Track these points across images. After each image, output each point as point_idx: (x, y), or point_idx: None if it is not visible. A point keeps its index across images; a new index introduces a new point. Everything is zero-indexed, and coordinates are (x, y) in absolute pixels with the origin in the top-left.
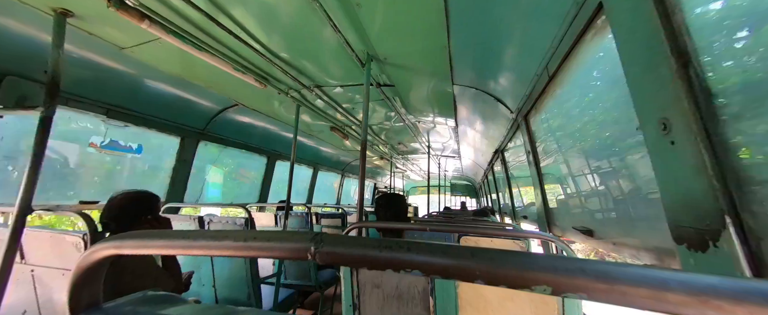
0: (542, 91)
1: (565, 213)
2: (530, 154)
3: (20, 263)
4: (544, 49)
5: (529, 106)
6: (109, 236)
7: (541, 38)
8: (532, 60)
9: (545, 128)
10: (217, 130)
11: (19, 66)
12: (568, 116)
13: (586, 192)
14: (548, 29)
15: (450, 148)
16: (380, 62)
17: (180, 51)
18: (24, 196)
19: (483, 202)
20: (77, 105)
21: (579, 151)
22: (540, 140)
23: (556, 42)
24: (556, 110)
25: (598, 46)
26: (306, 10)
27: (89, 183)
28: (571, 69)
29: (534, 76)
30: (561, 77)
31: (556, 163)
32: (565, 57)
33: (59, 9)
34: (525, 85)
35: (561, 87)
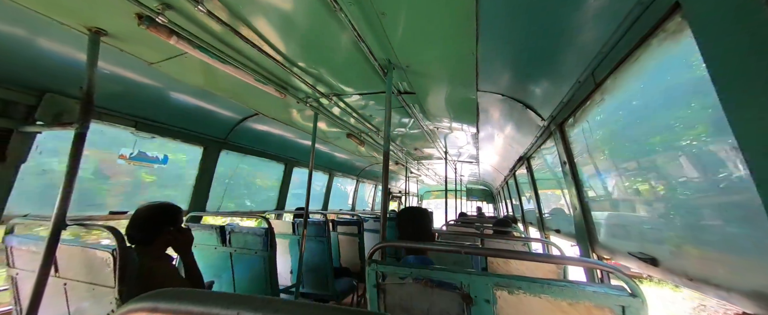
0: (585, 98)
1: (616, 234)
2: (566, 164)
3: (54, 276)
4: (590, 54)
5: (567, 115)
6: (143, 296)
7: (588, 43)
8: (575, 66)
9: (588, 138)
10: (238, 140)
11: (56, 83)
12: (621, 127)
13: (648, 213)
14: (598, 33)
15: (467, 153)
16: (401, 70)
17: (203, 64)
18: (59, 210)
19: (501, 208)
20: (109, 118)
21: (638, 165)
22: (579, 151)
23: (607, 47)
24: (602, 120)
25: (668, 52)
26: (329, 21)
27: (118, 194)
28: (627, 76)
29: (575, 83)
30: (611, 85)
31: (602, 177)
32: (619, 63)
33: (94, 29)
34: (561, 92)
35: (611, 95)
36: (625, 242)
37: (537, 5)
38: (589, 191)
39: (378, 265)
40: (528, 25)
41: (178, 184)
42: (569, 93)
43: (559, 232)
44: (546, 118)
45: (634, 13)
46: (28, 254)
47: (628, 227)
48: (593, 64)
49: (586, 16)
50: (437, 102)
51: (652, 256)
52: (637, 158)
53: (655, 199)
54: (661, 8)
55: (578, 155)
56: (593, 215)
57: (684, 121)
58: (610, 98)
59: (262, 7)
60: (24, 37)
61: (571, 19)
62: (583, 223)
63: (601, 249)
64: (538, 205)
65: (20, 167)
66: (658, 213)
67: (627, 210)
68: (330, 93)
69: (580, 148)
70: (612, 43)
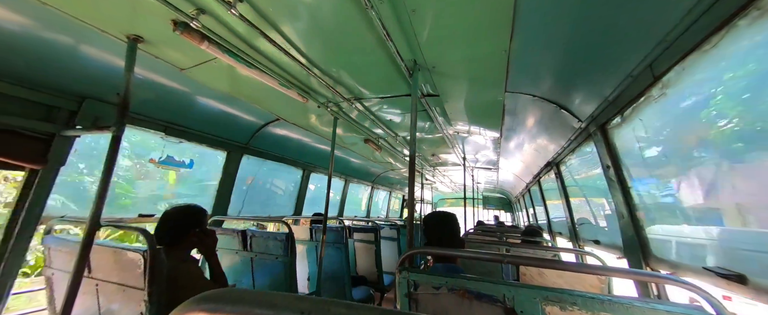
0: (639, 94)
1: (682, 246)
2: (610, 168)
3: (87, 276)
4: (648, 45)
5: (612, 114)
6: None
7: (646, 32)
8: (626, 59)
9: (640, 139)
10: (259, 145)
11: (96, 89)
12: (692, 125)
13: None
14: (660, 20)
15: (487, 159)
16: (426, 71)
17: (230, 69)
18: (94, 212)
19: (519, 217)
20: (141, 123)
21: (717, 167)
22: (627, 153)
23: (673, 35)
24: (663, 117)
25: (763, 31)
26: (357, 20)
27: (146, 197)
28: (701, 65)
29: (626, 78)
30: (676, 78)
31: (662, 182)
32: (688, 52)
33: (132, 35)
34: (605, 90)
35: (676, 89)
36: (696, 255)
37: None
38: (642, 198)
39: (410, 272)
40: (572, 18)
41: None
42: (616, 90)
43: (599, 243)
44: (584, 119)
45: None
46: (64, 255)
47: (701, 239)
48: (651, 56)
49: (646, 4)
50: (461, 104)
51: (738, 272)
52: (715, 160)
53: (739, 206)
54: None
55: (626, 159)
56: (649, 225)
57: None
58: (674, 93)
59: (292, 8)
60: (69, 46)
61: (626, 9)
62: (633, 233)
63: (658, 262)
64: (569, 213)
65: (59, 170)
66: (745, 222)
67: (698, 219)
68: (351, 97)
69: (628, 150)
70: (679, 30)
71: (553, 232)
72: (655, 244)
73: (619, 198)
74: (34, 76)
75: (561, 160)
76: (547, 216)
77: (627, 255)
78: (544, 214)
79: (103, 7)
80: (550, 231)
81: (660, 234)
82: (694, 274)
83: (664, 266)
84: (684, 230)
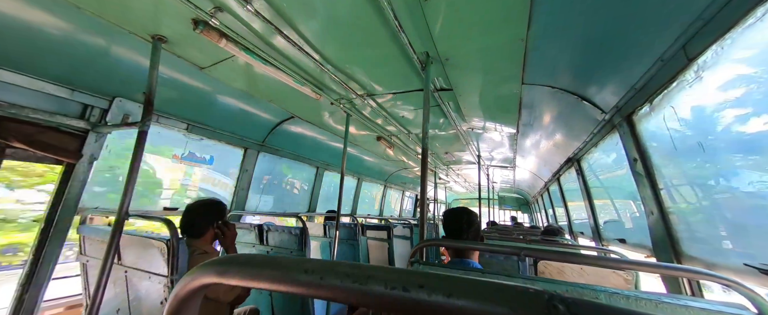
0: (671, 79)
1: (719, 242)
2: (638, 161)
3: (117, 263)
4: (681, 24)
5: (639, 103)
6: (208, 262)
7: (678, 11)
8: (656, 42)
9: (672, 128)
10: (274, 143)
11: (123, 88)
12: (730, 111)
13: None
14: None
15: (502, 157)
16: (439, 64)
17: (246, 67)
18: (123, 202)
19: (538, 218)
20: (165, 121)
21: (761, 161)
22: (657, 145)
23: (709, 12)
24: (698, 103)
25: None
26: (370, 12)
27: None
28: (744, 42)
29: (657, 61)
30: (714, 59)
31: (699, 175)
32: (727, 29)
33: (157, 36)
34: (632, 77)
35: (713, 71)
36: (735, 253)
37: None
38: (674, 192)
39: (421, 265)
40: (595, 2)
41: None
42: (644, 77)
43: (624, 242)
44: (607, 110)
45: None
46: (97, 243)
47: (739, 234)
48: (685, 36)
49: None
50: (475, 99)
51: None
52: (758, 151)
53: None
54: None
55: (655, 150)
56: (681, 221)
57: None
58: (712, 75)
59: (306, 3)
60: (101, 49)
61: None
62: (663, 230)
63: (691, 261)
64: (592, 211)
65: (93, 164)
66: None
67: (735, 214)
68: (363, 93)
69: (658, 140)
70: (717, 5)
71: (573, 233)
72: (688, 242)
73: (647, 193)
74: (73, 76)
75: (582, 155)
76: (568, 216)
77: (657, 254)
78: (564, 214)
79: (130, 8)
80: (570, 232)
81: (694, 231)
82: (734, 273)
83: (699, 264)
84: (720, 227)
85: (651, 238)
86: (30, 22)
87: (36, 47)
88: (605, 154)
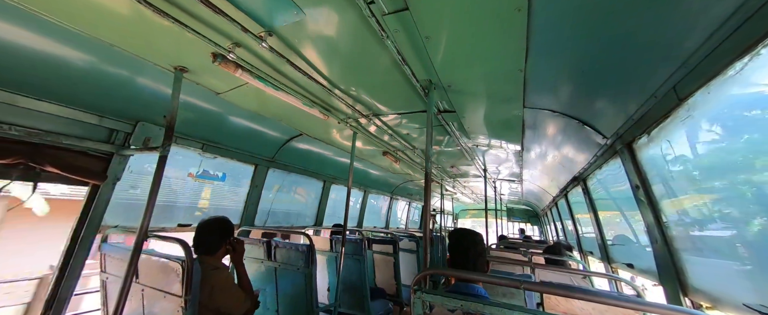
0: (665, 115)
1: (720, 277)
2: (640, 189)
3: (135, 282)
4: (670, 67)
5: (638, 133)
6: None
7: (667, 55)
8: (648, 80)
9: (670, 160)
10: (283, 159)
11: (146, 113)
12: (723, 150)
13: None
14: (681, 44)
15: (509, 171)
16: (442, 89)
17: (258, 91)
18: (143, 223)
19: (549, 231)
20: (183, 142)
21: (754, 195)
22: (658, 174)
23: (695, 58)
24: (692, 139)
25: None
26: (375, 48)
27: (184, 208)
28: (728, 91)
29: (650, 98)
30: (703, 100)
31: (699, 205)
32: (712, 76)
33: (179, 67)
34: (629, 108)
35: (703, 112)
36: (735, 289)
37: (600, 17)
38: (676, 221)
39: (424, 293)
40: (588, 38)
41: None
42: (641, 109)
43: (632, 266)
44: (609, 136)
45: (731, 23)
46: (117, 261)
47: (739, 271)
48: (675, 78)
49: (665, 28)
50: (478, 119)
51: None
52: (752, 189)
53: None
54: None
55: (657, 179)
56: (685, 251)
57: None
58: (702, 115)
59: (314, 39)
60: (127, 77)
61: (645, 31)
62: (668, 260)
63: (697, 293)
64: (599, 232)
65: (116, 184)
66: None
67: (738, 249)
68: (369, 113)
69: (658, 170)
70: (701, 54)
71: (583, 252)
72: (693, 273)
73: (650, 220)
74: (101, 103)
75: (587, 175)
76: (577, 233)
77: (663, 283)
78: (573, 230)
79: (156, 44)
80: (580, 250)
81: (698, 262)
82: (734, 309)
83: (703, 298)
84: (720, 260)
85: (656, 267)
86: (65, 57)
87: (69, 79)
88: (611, 176)
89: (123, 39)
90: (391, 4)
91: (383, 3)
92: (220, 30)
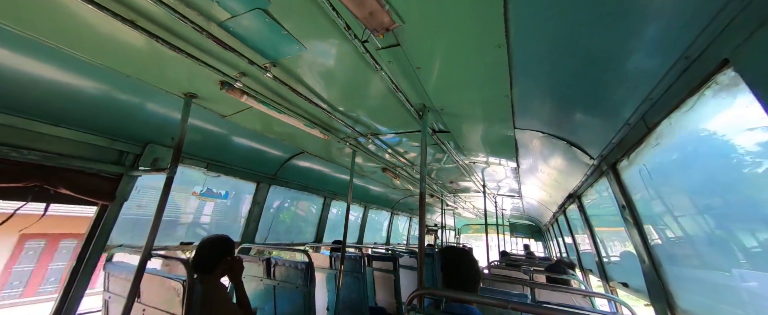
0: (639, 141)
1: (706, 297)
2: (626, 209)
3: (137, 302)
4: (637, 99)
5: (619, 155)
6: None
7: (631, 89)
8: (622, 108)
9: (647, 182)
10: (285, 176)
11: (155, 135)
12: (687, 176)
13: (750, 274)
14: (645, 80)
15: (508, 187)
16: (436, 112)
17: (262, 114)
18: (147, 243)
19: (551, 247)
20: (189, 162)
21: (723, 216)
22: (641, 195)
23: (655, 94)
24: (662, 165)
25: (727, 102)
26: (370, 77)
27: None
28: (685, 122)
29: (624, 125)
30: (668, 130)
31: (675, 226)
32: (672, 109)
33: (188, 93)
34: (609, 132)
35: (668, 140)
36: (719, 308)
37: (574, 53)
38: (660, 241)
39: (418, 313)
40: (565, 70)
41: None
42: (619, 134)
43: (628, 286)
44: (595, 157)
45: (680, 65)
46: (120, 280)
47: (720, 289)
48: (642, 109)
49: (627, 65)
50: (473, 139)
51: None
52: (721, 210)
53: (755, 258)
54: (709, 63)
55: (640, 200)
56: (671, 270)
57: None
58: (667, 143)
59: (314, 69)
60: (138, 102)
61: (611, 67)
62: (655, 279)
63: (683, 314)
64: (596, 250)
65: (123, 204)
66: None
67: (717, 268)
68: (367, 132)
69: (640, 191)
70: (660, 89)
71: (584, 270)
72: (679, 293)
73: (637, 240)
74: (113, 127)
75: (581, 193)
76: (576, 251)
77: (653, 303)
78: (574, 246)
79: (168, 73)
80: (581, 268)
81: (685, 281)
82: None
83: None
84: (709, 278)
85: (646, 286)
86: (82, 87)
87: (84, 105)
88: (603, 194)
89: (137, 69)
90: (383, 41)
91: (377, 40)
92: (228, 62)
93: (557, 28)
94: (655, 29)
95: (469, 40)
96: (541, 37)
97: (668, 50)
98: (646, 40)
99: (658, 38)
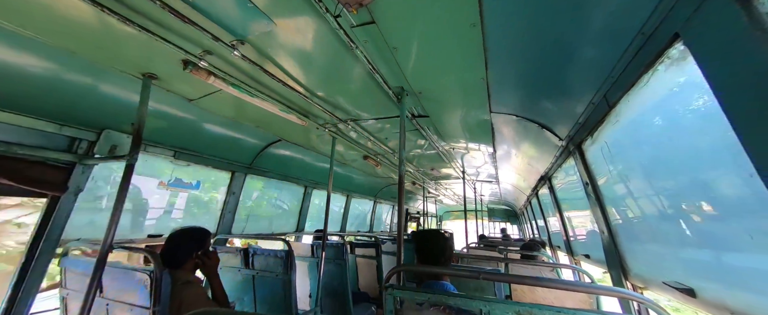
0: (601, 120)
1: (648, 261)
2: (589, 185)
3: (99, 296)
4: (600, 77)
5: (584, 135)
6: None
7: (597, 67)
8: (586, 88)
9: (608, 159)
10: (262, 165)
11: (112, 121)
12: (642, 149)
13: (681, 240)
14: (605, 59)
15: (486, 172)
16: (415, 96)
17: (235, 98)
18: (107, 235)
19: (526, 230)
20: (153, 150)
21: (666, 189)
22: (602, 171)
23: (616, 71)
24: (621, 141)
25: (677, 76)
26: (346, 57)
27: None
28: (641, 99)
29: (589, 104)
30: (625, 107)
31: (629, 200)
32: (630, 87)
33: (147, 74)
34: (576, 112)
35: (627, 117)
36: (658, 270)
37: (543, 34)
38: (617, 214)
39: (395, 290)
40: (536, 51)
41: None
42: (584, 113)
43: (589, 257)
44: (563, 138)
45: (637, 42)
46: (79, 276)
47: (660, 254)
48: (604, 87)
49: (591, 44)
50: (451, 123)
51: (688, 286)
52: (664, 182)
53: (687, 225)
54: (662, 38)
55: (601, 176)
56: (624, 240)
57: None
58: (626, 120)
59: (286, 48)
60: (91, 85)
61: (576, 47)
62: (613, 249)
63: (636, 278)
64: (563, 227)
65: (78, 195)
66: (691, 240)
67: (658, 235)
68: (347, 118)
69: (601, 168)
70: (620, 67)
71: (553, 247)
72: (631, 260)
73: (599, 215)
74: (63, 112)
75: (552, 174)
76: (547, 230)
77: (610, 271)
78: (547, 227)
79: (123, 52)
80: (550, 245)
81: (635, 249)
82: (658, 288)
83: (640, 281)
84: (650, 246)
85: (604, 256)
86: (23, 66)
87: (27, 88)
88: (570, 175)
89: (87, 47)
90: (357, 17)
91: (350, 16)
92: (190, 38)
93: (528, 8)
94: (614, 5)
95: (444, 17)
96: (514, 17)
97: (626, 28)
98: (607, 17)
99: (617, 15)
